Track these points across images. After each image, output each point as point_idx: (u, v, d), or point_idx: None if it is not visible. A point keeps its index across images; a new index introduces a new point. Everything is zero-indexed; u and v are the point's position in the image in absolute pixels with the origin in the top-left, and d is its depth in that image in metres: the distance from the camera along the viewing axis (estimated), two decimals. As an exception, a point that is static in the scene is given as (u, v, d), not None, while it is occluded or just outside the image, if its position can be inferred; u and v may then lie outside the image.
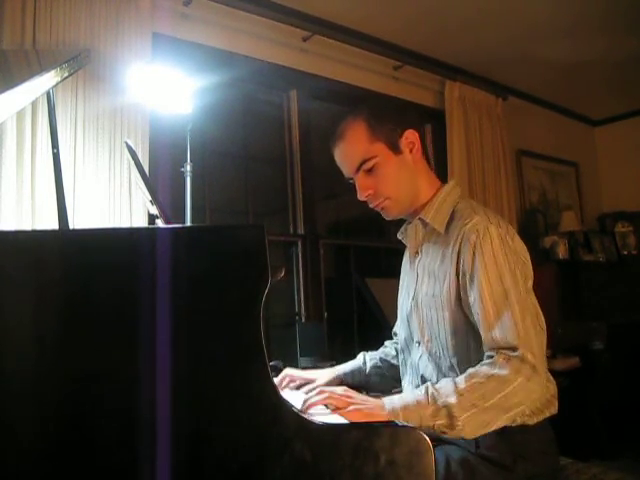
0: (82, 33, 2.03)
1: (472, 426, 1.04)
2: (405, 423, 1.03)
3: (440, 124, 3.36)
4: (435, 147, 3.42)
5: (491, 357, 1.11)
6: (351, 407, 1.05)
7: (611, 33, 3.25)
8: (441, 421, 1.04)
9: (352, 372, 1.50)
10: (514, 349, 1.08)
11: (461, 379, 1.08)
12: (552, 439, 1.23)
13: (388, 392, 1.51)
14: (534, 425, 1.18)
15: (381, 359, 1.53)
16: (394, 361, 1.52)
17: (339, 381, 1.45)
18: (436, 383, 1.11)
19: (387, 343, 1.59)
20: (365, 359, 1.53)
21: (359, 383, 1.50)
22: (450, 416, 1.03)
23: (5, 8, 1.87)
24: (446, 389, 1.07)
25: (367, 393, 1.42)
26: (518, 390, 1.06)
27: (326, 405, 1.10)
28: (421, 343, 1.30)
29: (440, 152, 3.35)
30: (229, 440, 0.82)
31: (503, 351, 1.09)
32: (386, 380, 1.52)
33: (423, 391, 1.08)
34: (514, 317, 1.11)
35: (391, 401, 1.08)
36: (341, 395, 1.09)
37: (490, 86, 3.66)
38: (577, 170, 4.60)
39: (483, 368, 1.09)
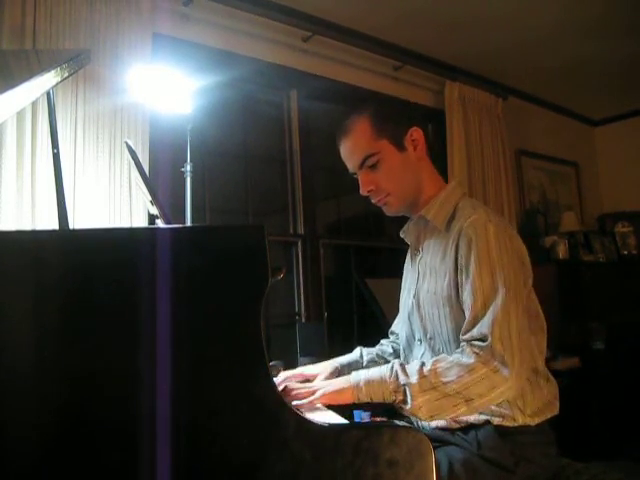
0: (82, 33, 2.03)
1: (429, 408, 1.07)
2: (369, 397, 1.10)
3: (440, 124, 3.36)
4: (435, 147, 3.41)
5: (463, 346, 1.13)
6: (318, 393, 1.13)
7: (611, 33, 3.24)
8: (400, 397, 1.09)
9: (349, 364, 1.49)
10: (484, 339, 1.10)
11: (429, 362, 1.12)
12: (553, 440, 1.23)
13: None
14: (535, 426, 1.18)
15: (377, 355, 1.54)
16: (390, 358, 1.52)
17: (337, 373, 1.45)
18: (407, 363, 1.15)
19: (383, 341, 1.59)
20: (362, 353, 1.53)
21: None
22: (409, 394, 1.07)
23: (5, 8, 1.87)
24: (411, 369, 1.11)
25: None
26: (481, 380, 1.07)
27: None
28: (423, 341, 1.31)
29: (440, 152, 3.35)
30: (229, 440, 0.82)
31: (475, 342, 1.11)
32: None
33: (389, 367, 1.12)
34: (495, 313, 1.11)
35: (357, 375, 1.14)
36: (302, 389, 1.18)
37: (490, 86, 3.65)
38: (577, 170, 4.60)
39: (453, 356, 1.13)
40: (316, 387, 1.17)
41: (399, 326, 1.50)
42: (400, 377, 1.10)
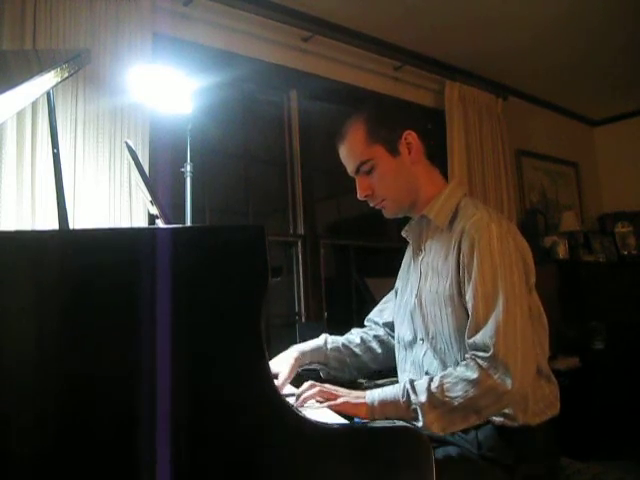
0: (82, 33, 2.03)
1: (440, 423, 1.10)
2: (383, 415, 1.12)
3: (440, 124, 3.36)
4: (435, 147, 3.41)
5: (467, 359, 1.14)
6: (340, 400, 1.14)
7: (611, 33, 3.24)
8: (413, 415, 1.10)
9: (311, 351, 1.47)
10: (487, 349, 1.11)
11: (436, 379, 1.13)
12: (553, 439, 1.23)
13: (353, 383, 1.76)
14: (536, 426, 1.18)
15: (343, 344, 1.52)
16: (357, 350, 1.51)
17: (298, 364, 1.42)
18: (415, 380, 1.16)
19: (354, 331, 1.58)
20: (327, 340, 1.51)
21: (317, 363, 1.49)
22: (420, 412, 1.09)
23: (5, 8, 1.87)
24: (420, 387, 1.12)
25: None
26: (487, 393, 1.09)
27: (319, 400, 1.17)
28: (425, 340, 1.30)
29: (440, 152, 3.34)
30: (228, 440, 0.82)
31: (479, 353, 1.12)
32: (347, 368, 1.52)
33: (401, 386, 1.14)
34: (497, 320, 1.12)
35: (372, 394, 1.15)
36: (330, 389, 1.18)
37: (490, 86, 3.66)
38: (577, 170, 4.60)
39: (457, 369, 1.13)
40: (340, 392, 1.18)
41: (383, 315, 1.54)
42: (411, 396, 1.11)
